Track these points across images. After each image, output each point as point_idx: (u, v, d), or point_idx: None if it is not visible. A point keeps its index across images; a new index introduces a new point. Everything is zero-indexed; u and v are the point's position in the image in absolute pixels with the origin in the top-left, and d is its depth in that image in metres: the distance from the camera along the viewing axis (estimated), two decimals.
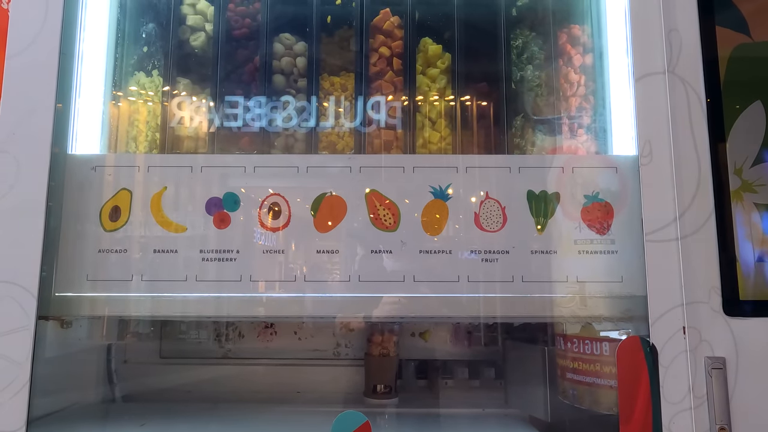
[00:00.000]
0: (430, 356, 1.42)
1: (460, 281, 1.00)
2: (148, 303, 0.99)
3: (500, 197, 1.03)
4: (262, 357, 1.39)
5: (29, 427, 0.89)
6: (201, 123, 1.14)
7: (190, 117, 1.14)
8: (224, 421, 1.12)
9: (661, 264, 0.91)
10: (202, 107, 1.15)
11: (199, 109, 1.15)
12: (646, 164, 0.94)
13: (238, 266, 1.01)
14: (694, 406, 0.87)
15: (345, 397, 1.35)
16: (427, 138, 1.12)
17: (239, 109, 1.12)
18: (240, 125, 1.12)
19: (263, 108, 1.13)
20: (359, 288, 1.00)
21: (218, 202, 1.03)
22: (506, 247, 1.01)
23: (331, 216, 1.02)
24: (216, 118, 1.13)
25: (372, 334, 1.32)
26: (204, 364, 1.37)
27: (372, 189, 1.03)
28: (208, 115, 1.14)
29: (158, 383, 1.35)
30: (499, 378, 1.39)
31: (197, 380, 1.36)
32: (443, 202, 1.03)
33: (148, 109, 1.15)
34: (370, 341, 1.33)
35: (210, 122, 1.13)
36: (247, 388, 1.35)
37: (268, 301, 1.00)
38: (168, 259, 1.01)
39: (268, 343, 1.41)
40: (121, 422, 1.09)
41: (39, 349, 0.94)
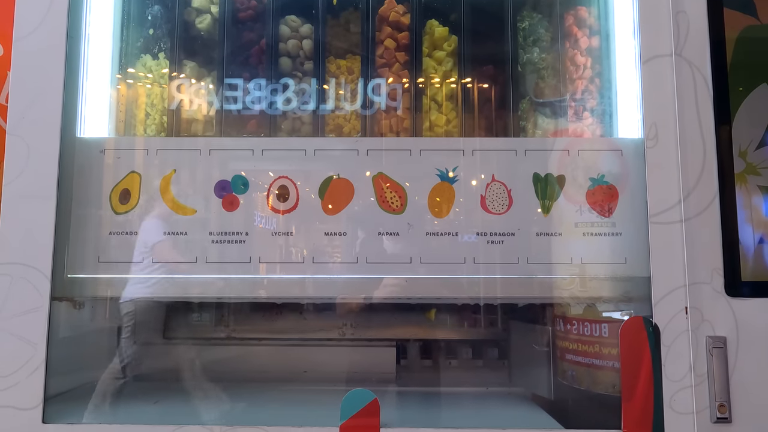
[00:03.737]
0: (435, 335, 1.44)
1: (466, 263, 1.02)
2: (159, 284, 1.01)
3: (506, 180, 1.04)
4: (268, 337, 1.41)
5: (46, 404, 0.92)
6: (205, 106, 1.14)
7: (190, 100, 1.14)
8: (234, 399, 1.14)
9: (665, 246, 0.92)
10: (203, 90, 1.15)
11: (200, 92, 1.15)
12: (652, 147, 0.95)
13: (246, 248, 1.02)
14: (694, 383, 0.89)
15: (349, 376, 1.37)
16: (433, 121, 1.13)
17: (251, 94, 1.13)
18: (240, 107, 1.12)
19: (263, 90, 1.12)
20: (366, 269, 1.01)
21: (226, 185, 1.04)
22: (512, 230, 1.02)
23: (338, 199, 1.03)
24: (215, 101, 1.13)
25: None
26: (209, 345, 1.39)
27: (379, 172, 1.04)
28: (208, 98, 1.14)
29: (167, 363, 1.37)
30: (503, 358, 1.41)
31: (205, 360, 1.38)
32: (450, 185, 1.04)
33: (154, 92, 1.16)
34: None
35: (210, 104, 1.13)
36: (253, 368, 1.37)
37: (277, 283, 1.02)
38: (178, 242, 1.02)
39: (272, 323, 1.43)
40: (135, 400, 1.12)
41: (53, 330, 0.96)
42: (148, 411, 1.05)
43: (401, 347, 1.44)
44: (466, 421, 1.01)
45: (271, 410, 1.06)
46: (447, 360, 1.44)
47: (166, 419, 0.99)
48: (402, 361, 1.43)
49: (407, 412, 1.08)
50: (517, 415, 1.06)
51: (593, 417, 1.03)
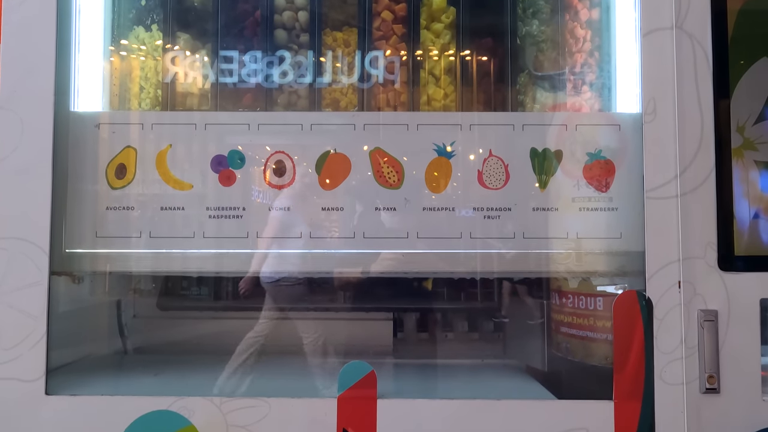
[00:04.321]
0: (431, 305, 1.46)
1: (463, 238, 1.02)
2: (157, 259, 1.02)
3: (503, 155, 1.03)
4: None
5: (48, 376, 0.93)
6: (200, 79, 1.13)
7: (184, 73, 1.13)
8: (234, 370, 1.16)
9: (660, 221, 0.93)
10: (197, 62, 1.13)
11: (195, 65, 1.13)
12: (650, 122, 0.95)
13: (244, 223, 1.02)
14: (685, 355, 0.90)
15: (346, 349, 1.39)
16: (431, 95, 1.12)
17: (246, 67, 1.11)
18: (236, 80, 1.11)
19: (259, 63, 1.11)
20: (363, 244, 1.02)
21: (223, 160, 1.03)
22: (508, 204, 1.03)
23: (336, 174, 1.03)
24: (211, 74, 1.11)
25: None
26: (205, 318, 1.41)
27: (376, 147, 1.03)
28: (203, 71, 1.12)
29: (166, 336, 1.39)
30: (498, 330, 1.44)
31: (203, 333, 1.40)
32: (447, 160, 1.03)
33: (148, 65, 1.14)
34: None
35: (205, 77, 1.12)
36: None
37: (275, 257, 1.03)
38: (175, 216, 1.02)
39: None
40: (135, 372, 1.14)
41: (53, 304, 0.97)
42: (148, 382, 1.07)
43: (398, 320, 1.46)
44: (460, 392, 1.04)
45: (270, 381, 1.08)
46: (443, 333, 1.47)
47: (167, 391, 1.01)
48: (399, 334, 1.46)
49: (404, 384, 1.10)
50: (511, 386, 1.08)
51: (586, 388, 1.05)
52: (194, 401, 0.93)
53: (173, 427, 0.92)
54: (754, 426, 0.89)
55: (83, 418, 0.92)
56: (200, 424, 0.92)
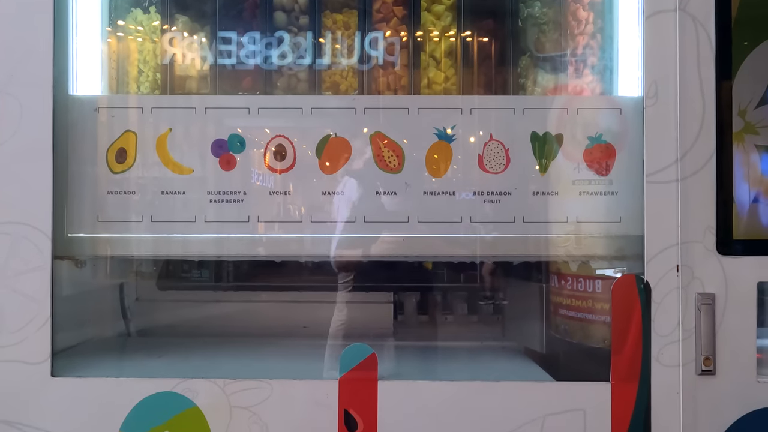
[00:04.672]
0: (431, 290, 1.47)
1: (463, 222, 1.03)
2: (158, 243, 1.02)
3: (504, 139, 1.03)
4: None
5: (54, 358, 0.95)
6: (200, 61, 1.12)
7: (183, 54, 1.12)
8: (236, 353, 1.18)
9: (660, 205, 0.93)
10: (195, 44, 1.12)
11: (193, 46, 1.12)
12: (651, 106, 0.94)
13: (245, 207, 1.03)
14: (682, 338, 0.92)
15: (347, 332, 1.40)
16: (431, 78, 1.11)
17: (245, 48, 1.10)
18: (234, 62, 1.10)
19: (258, 44, 1.10)
20: (364, 228, 1.02)
21: (223, 144, 1.03)
22: (508, 189, 1.03)
23: (336, 158, 1.03)
24: (209, 55, 1.10)
25: None
26: (206, 300, 1.42)
27: (376, 131, 1.03)
28: (201, 52, 1.11)
29: (169, 319, 1.40)
30: (497, 313, 1.45)
31: (205, 316, 1.41)
32: (447, 144, 1.03)
33: (146, 48, 1.13)
34: None
35: (203, 59, 1.11)
36: (256, 324, 1.41)
37: (276, 242, 1.03)
38: (176, 201, 1.03)
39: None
40: (139, 354, 1.15)
41: (57, 287, 0.98)
42: (153, 365, 1.08)
43: (398, 303, 1.47)
44: (459, 373, 1.05)
45: (273, 364, 1.09)
46: (443, 315, 1.48)
47: (171, 372, 1.02)
48: (399, 316, 1.47)
49: (404, 365, 1.12)
50: (510, 367, 1.10)
51: (583, 369, 1.07)
52: (198, 383, 0.94)
53: (178, 409, 0.94)
54: (748, 407, 0.91)
55: (89, 400, 0.94)
56: (204, 406, 0.94)
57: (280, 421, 0.93)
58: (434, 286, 1.48)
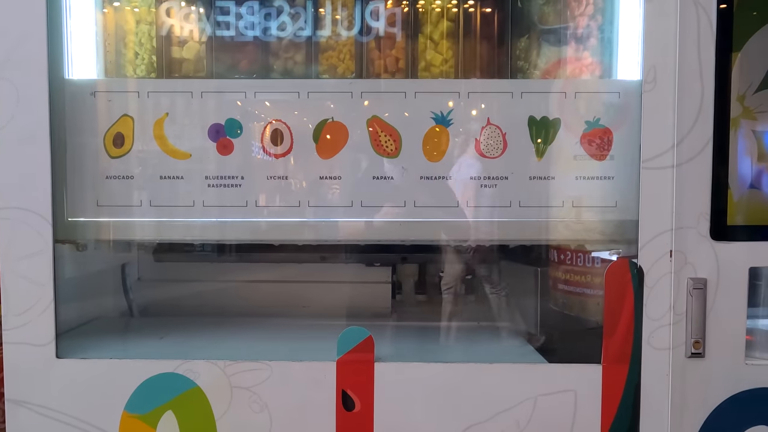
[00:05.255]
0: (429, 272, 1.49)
1: (460, 206, 1.03)
2: (158, 228, 1.03)
3: (501, 123, 1.03)
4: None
5: (58, 340, 0.97)
6: (198, 34, 1.09)
7: (180, 26, 1.10)
8: (236, 333, 1.20)
9: (655, 191, 0.94)
10: (193, 15, 1.10)
11: (190, 17, 1.10)
12: (650, 90, 0.94)
13: (243, 192, 1.03)
14: (673, 322, 0.93)
15: (346, 312, 1.43)
16: (429, 60, 1.10)
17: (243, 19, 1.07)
18: (233, 34, 1.08)
19: (257, 15, 1.07)
20: (362, 213, 1.03)
21: (220, 129, 1.03)
22: (505, 173, 1.03)
23: (333, 142, 1.03)
24: (207, 27, 1.08)
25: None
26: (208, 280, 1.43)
27: (373, 115, 1.03)
28: (199, 24, 1.09)
29: (171, 298, 1.42)
30: (493, 293, 1.47)
31: (207, 295, 1.43)
32: (445, 128, 1.03)
33: (142, 30, 1.12)
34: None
35: (201, 31, 1.09)
36: (256, 304, 1.43)
37: (274, 226, 1.04)
38: (174, 185, 1.03)
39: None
40: (142, 335, 1.18)
41: (59, 270, 1.00)
42: (155, 345, 1.11)
43: (396, 283, 1.49)
44: (455, 355, 1.08)
45: (272, 345, 1.12)
46: (440, 295, 1.50)
47: (173, 353, 1.05)
48: (397, 296, 1.49)
49: (401, 346, 1.14)
50: (505, 349, 1.12)
51: (578, 349, 1.09)
52: (199, 364, 0.96)
53: (180, 389, 0.96)
54: (736, 388, 0.93)
55: (93, 380, 0.97)
56: (205, 386, 0.96)
57: (280, 400, 0.96)
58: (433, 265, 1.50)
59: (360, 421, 0.95)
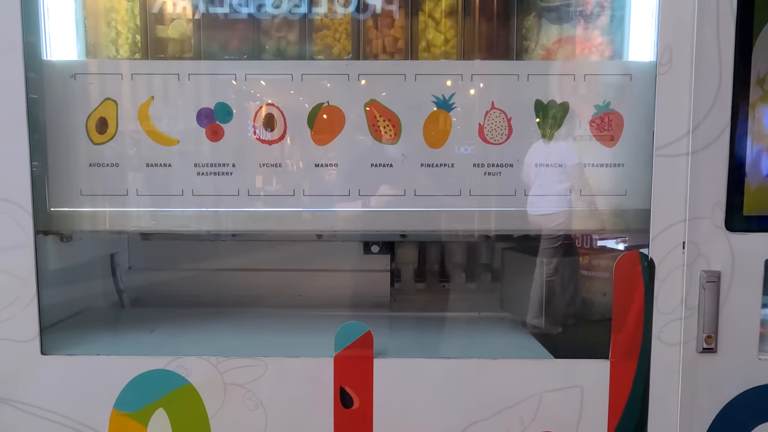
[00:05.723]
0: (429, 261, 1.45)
1: (462, 195, 0.99)
2: (145, 218, 0.98)
3: (506, 107, 0.98)
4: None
5: (43, 335, 0.93)
6: (182, 20, 1.03)
7: (173, 3, 1.03)
8: (231, 325, 1.16)
9: (668, 179, 0.89)
10: None
11: None
12: (664, 73, 0.88)
13: (234, 180, 0.98)
14: (684, 316, 0.90)
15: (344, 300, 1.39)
16: (430, 40, 1.04)
17: None
18: (227, 11, 1.01)
19: None
20: (359, 202, 0.99)
21: (209, 113, 0.98)
22: (510, 160, 0.98)
23: (329, 128, 0.98)
24: (201, 3, 1.02)
25: None
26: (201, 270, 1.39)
27: (371, 99, 0.97)
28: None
29: (163, 288, 1.38)
30: (496, 281, 1.44)
31: (200, 284, 1.39)
32: (446, 113, 0.98)
33: (122, 5, 1.05)
34: None
35: (195, 8, 1.02)
36: (249, 292, 1.39)
37: (267, 216, 1.00)
38: (162, 173, 0.98)
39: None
40: (132, 328, 1.13)
41: (43, 263, 0.95)
42: (145, 340, 1.06)
43: (395, 271, 1.45)
44: (456, 349, 1.04)
45: (267, 338, 1.08)
46: (440, 283, 1.47)
47: (164, 348, 1.01)
48: (396, 284, 1.45)
49: (400, 339, 1.11)
50: (507, 342, 1.09)
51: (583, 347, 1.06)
52: (191, 361, 0.92)
53: (171, 386, 0.92)
54: (748, 384, 0.90)
55: (80, 378, 0.93)
56: (198, 383, 0.92)
57: (276, 398, 0.92)
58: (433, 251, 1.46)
59: (359, 418, 0.91)
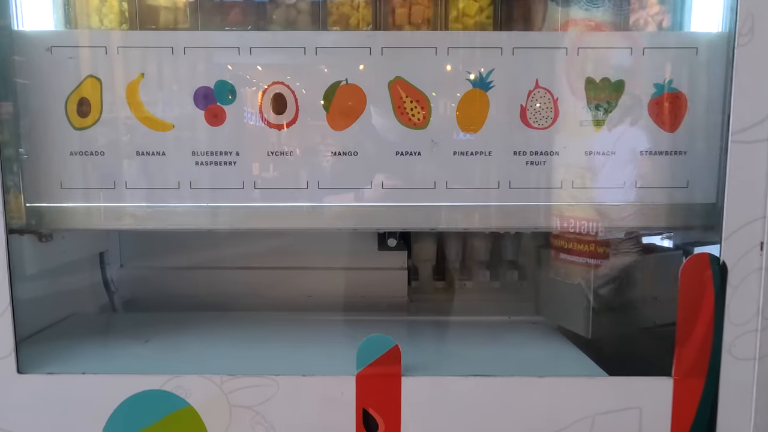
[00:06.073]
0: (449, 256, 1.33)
1: (501, 188, 0.86)
2: (135, 214, 0.85)
3: (553, 86, 0.84)
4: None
5: (19, 350, 0.80)
6: None
7: None
8: (235, 333, 1.04)
9: (745, 169, 0.76)
10: None
11: None
12: (744, 45, 0.75)
13: (238, 171, 0.85)
14: (761, 327, 0.78)
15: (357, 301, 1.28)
16: (462, 9, 0.90)
17: None
18: None
19: None
20: (382, 196, 0.86)
21: (209, 93, 0.84)
22: (556, 148, 0.85)
23: (348, 110, 0.84)
24: None
25: None
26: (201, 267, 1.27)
27: (397, 76, 0.84)
28: None
29: (160, 288, 1.26)
30: (522, 280, 1.32)
31: (200, 284, 1.27)
32: (483, 93, 0.85)
33: None
34: None
35: None
36: (254, 292, 1.27)
37: (276, 212, 0.87)
38: (155, 163, 0.85)
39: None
40: (123, 337, 1.01)
41: (18, 267, 0.82)
42: (138, 353, 0.94)
43: (412, 268, 1.33)
44: (493, 364, 0.92)
45: (277, 350, 0.96)
46: (461, 282, 1.35)
47: (159, 364, 0.89)
48: (413, 283, 1.33)
49: (425, 349, 0.99)
50: (548, 353, 0.97)
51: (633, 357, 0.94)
52: (191, 380, 0.80)
53: (169, 408, 0.80)
54: None
55: (63, 400, 0.80)
56: (199, 405, 0.80)
57: (289, 422, 0.80)
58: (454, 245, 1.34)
59: None
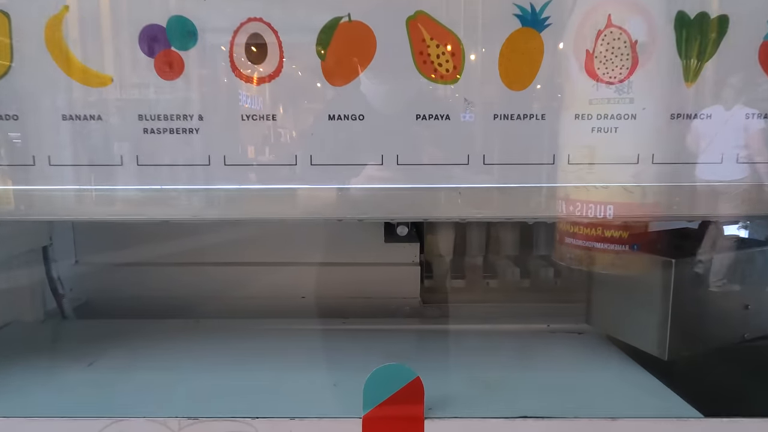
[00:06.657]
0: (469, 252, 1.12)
1: (557, 163, 0.64)
2: (62, 200, 0.63)
3: (630, 24, 0.62)
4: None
5: None
6: None
7: None
8: (206, 350, 0.83)
9: None
10: None
11: None
12: None
13: (202, 141, 0.63)
14: None
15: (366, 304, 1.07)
16: None
17: None
18: None
19: None
20: (397, 174, 0.64)
21: (160, 34, 0.61)
22: (632, 110, 0.63)
23: (351, 57, 0.62)
24: None
25: None
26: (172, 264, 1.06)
27: (418, 10, 0.61)
28: None
29: (122, 288, 1.05)
30: (557, 277, 1.11)
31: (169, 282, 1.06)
32: (536, 33, 0.62)
33: None
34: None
35: None
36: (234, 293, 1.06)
37: (255, 196, 0.65)
38: (88, 130, 0.63)
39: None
40: (64, 356, 0.79)
41: None
42: (76, 381, 0.72)
43: (425, 263, 1.13)
44: (543, 396, 0.70)
45: (257, 377, 0.74)
46: (484, 280, 1.14)
47: (99, 400, 0.67)
48: (426, 281, 1.13)
49: (448, 371, 0.78)
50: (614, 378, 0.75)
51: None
52: (138, 425, 0.59)
53: None
54: None
55: None
56: None
57: None
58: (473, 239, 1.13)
59: None
